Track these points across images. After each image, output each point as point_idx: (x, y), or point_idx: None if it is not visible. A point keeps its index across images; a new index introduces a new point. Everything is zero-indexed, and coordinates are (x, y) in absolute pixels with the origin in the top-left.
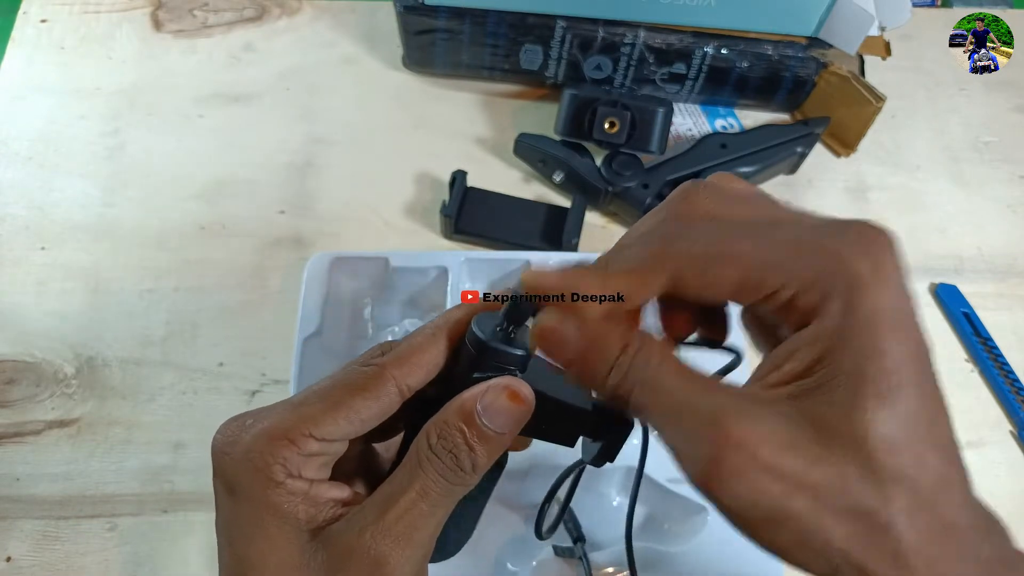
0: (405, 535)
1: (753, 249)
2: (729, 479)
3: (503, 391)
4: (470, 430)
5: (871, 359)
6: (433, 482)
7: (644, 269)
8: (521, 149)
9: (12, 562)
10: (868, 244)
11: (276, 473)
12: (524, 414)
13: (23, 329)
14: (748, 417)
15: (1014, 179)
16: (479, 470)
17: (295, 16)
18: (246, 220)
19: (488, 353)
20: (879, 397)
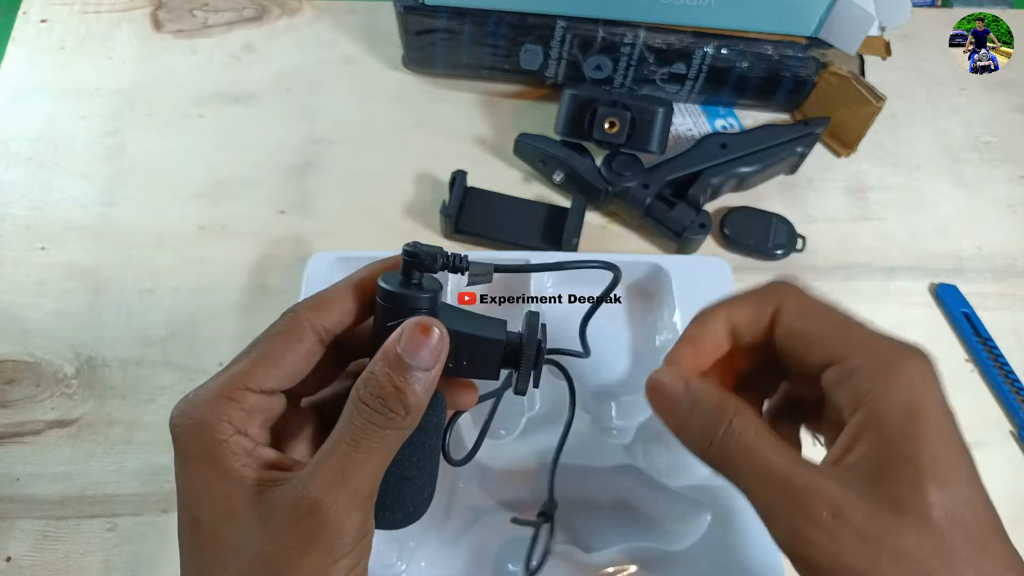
0: (339, 481)
1: (845, 322)
2: (821, 538)
3: (416, 327)
4: (395, 372)
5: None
6: (361, 428)
7: (760, 296)
8: (521, 149)
9: (12, 562)
10: (921, 360)
11: (221, 430)
12: (439, 345)
13: (23, 329)
14: (838, 486)
15: (1014, 179)
16: (412, 410)
17: (295, 16)
18: (246, 220)
19: (396, 301)
20: (937, 479)
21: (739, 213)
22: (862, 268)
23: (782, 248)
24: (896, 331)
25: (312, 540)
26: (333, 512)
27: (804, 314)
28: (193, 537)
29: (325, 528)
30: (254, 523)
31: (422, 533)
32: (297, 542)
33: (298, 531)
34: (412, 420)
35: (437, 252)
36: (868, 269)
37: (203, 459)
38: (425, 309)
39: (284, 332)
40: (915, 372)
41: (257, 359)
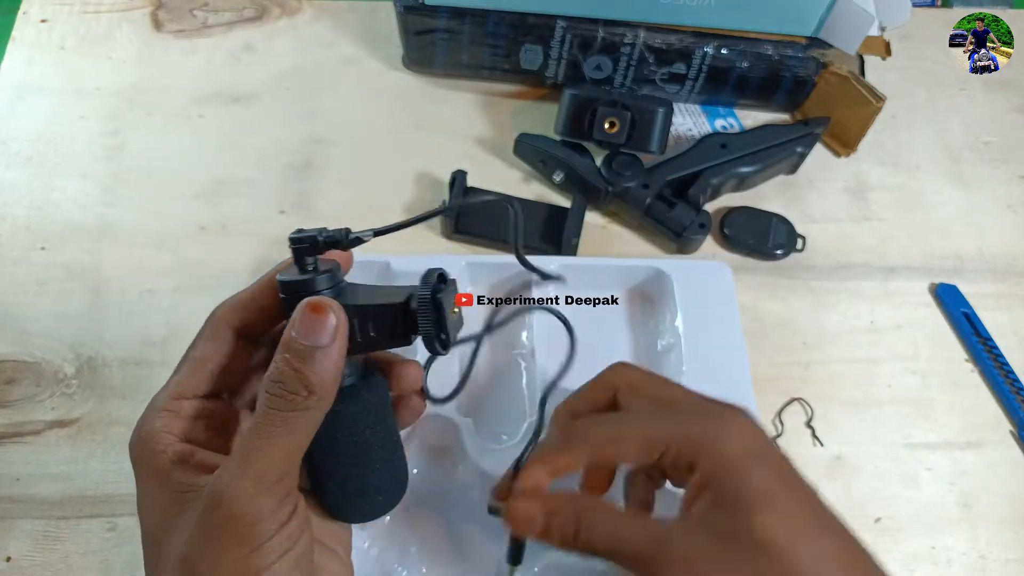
0: (240, 469)
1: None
2: None
3: (305, 308)
4: (292, 355)
5: (743, 482)
6: (263, 414)
7: (574, 451)
8: (521, 149)
9: (12, 562)
10: (740, 416)
11: (160, 441)
12: (332, 320)
13: (23, 329)
14: (686, 536)
15: (1014, 179)
16: (317, 388)
17: (295, 16)
18: (246, 220)
19: (293, 289)
20: (760, 506)
21: (739, 213)
22: (862, 268)
23: (782, 248)
24: (896, 331)
25: (222, 533)
26: (236, 502)
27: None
28: (144, 550)
29: (232, 519)
30: (181, 527)
31: (423, 538)
32: (210, 537)
33: (209, 526)
34: (319, 400)
35: (317, 232)
36: (868, 269)
37: (148, 473)
38: (326, 290)
39: (207, 337)
40: (736, 428)
41: (188, 368)
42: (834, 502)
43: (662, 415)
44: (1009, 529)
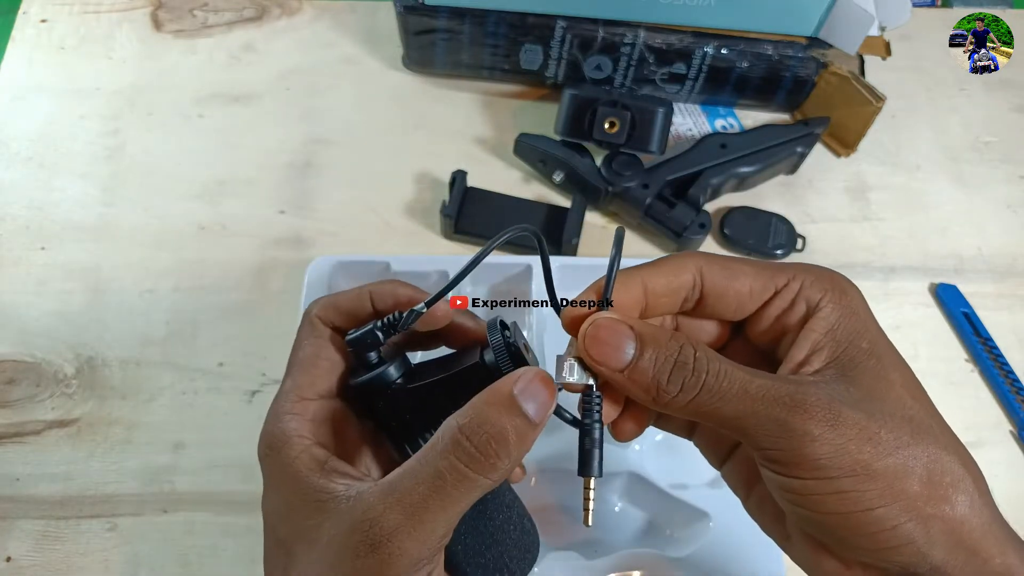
0: (407, 526)
1: (760, 262)
2: (824, 433)
3: (537, 375)
4: (509, 415)
5: (879, 338)
6: (450, 470)
7: (676, 263)
8: (521, 149)
9: (12, 562)
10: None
11: (294, 446)
12: (551, 401)
13: (23, 329)
14: (818, 388)
15: (1014, 179)
16: (514, 461)
17: (295, 16)
18: (246, 220)
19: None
20: (894, 363)
21: (739, 213)
22: (862, 268)
23: (782, 248)
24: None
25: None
26: (395, 556)
27: (727, 266)
28: (270, 553)
29: (386, 568)
30: (321, 544)
31: None
32: (357, 574)
33: (357, 565)
34: (507, 472)
35: (372, 326)
36: (868, 269)
37: (282, 478)
38: (398, 378)
39: (308, 335)
40: (851, 285)
41: (299, 369)
42: None
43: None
44: None
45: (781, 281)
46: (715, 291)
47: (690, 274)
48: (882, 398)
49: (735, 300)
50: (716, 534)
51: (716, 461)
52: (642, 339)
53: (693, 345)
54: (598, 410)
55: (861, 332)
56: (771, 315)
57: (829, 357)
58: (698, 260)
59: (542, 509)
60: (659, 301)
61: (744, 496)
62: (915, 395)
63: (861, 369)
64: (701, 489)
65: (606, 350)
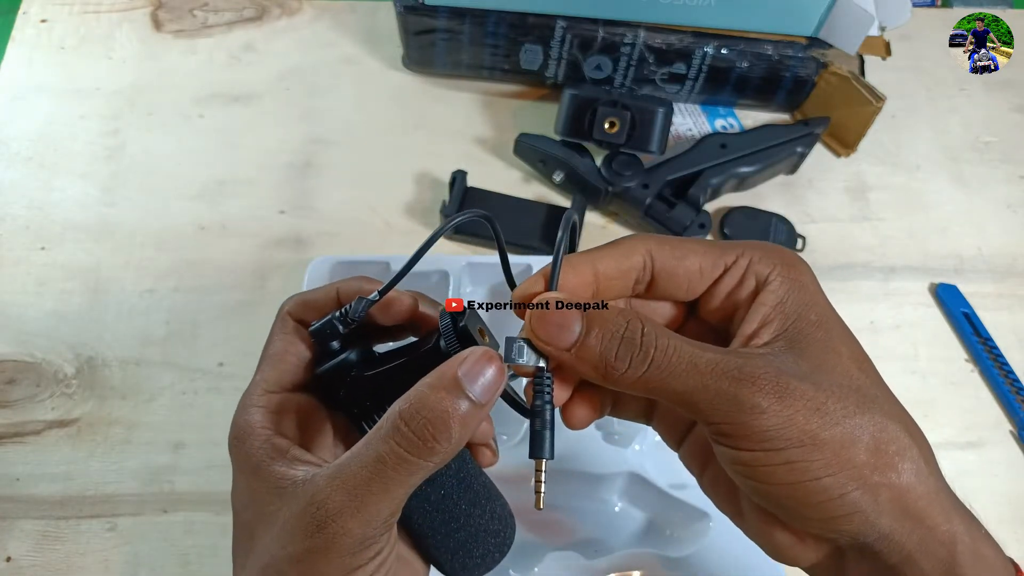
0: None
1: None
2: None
3: (483, 355)
4: (450, 395)
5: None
6: (390, 454)
7: (626, 245)
8: (521, 149)
9: (12, 562)
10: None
11: (257, 436)
12: (498, 380)
13: (23, 329)
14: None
15: (1014, 179)
16: (455, 443)
17: (295, 16)
18: (246, 220)
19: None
20: (843, 335)
21: (739, 213)
22: (862, 268)
23: None
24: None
25: (319, 556)
26: (340, 535)
27: (676, 247)
28: (236, 539)
29: (332, 548)
30: (279, 522)
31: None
32: (307, 557)
33: (308, 549)
34: (450, 455)
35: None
36: (868, 269)
37: (246, 466)
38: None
39: (280, 331)
40: (799, 260)
41: (268, 363)
42: None
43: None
44: (1009, 529)
45: (730, 258)
46: (665, 271)
47: (640, 256)
48: (830, 369)
49: (685, 279)
50: (716, 534)
51: (673, 443)
52: (588, 316)
53: (640, 320)
54: (549, 392)
55: (810, 305)
56: (722, 292)
57: (778, 330)
58: (647, 242)
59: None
60: (610, 284)
61: (699, 474)
62: (862, 366)
63: (809, 341)
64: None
65: (552, 329)
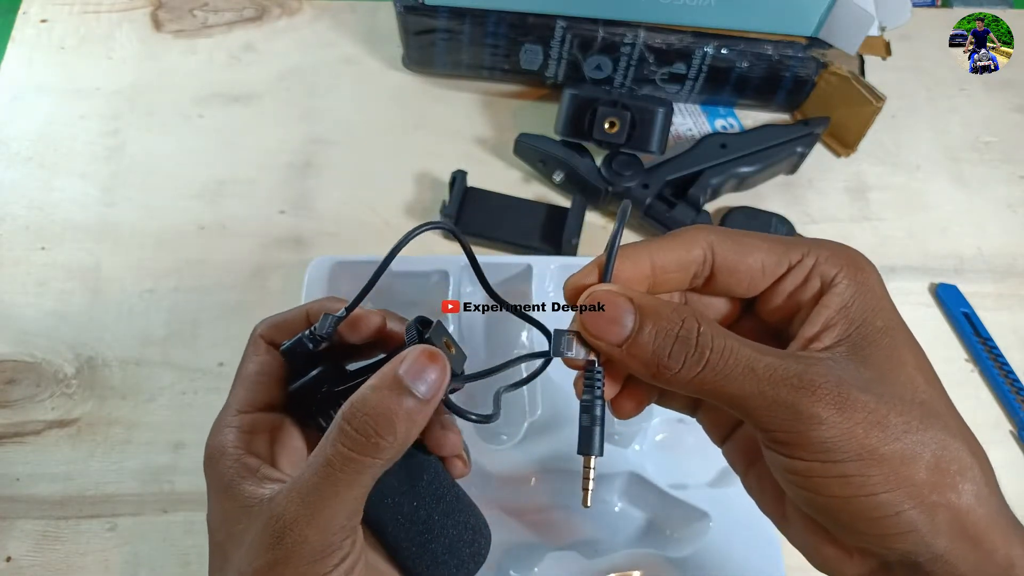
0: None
1: (775, 236)
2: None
3: (422, 353)
4: (391, 394)
5: (893, 316)
6: (336, 456)
7: (687, 237)
8: (521, 149)
9: (12, 562)
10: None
11: (228, 455)
12: (440, 377)
13: (23, 329)
14: (832, 367)
15: (1014, 179)
16: (400, 438)
17: (295, 16)
18: (246, 220)
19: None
20: (908, 343)
21: (739, 213)
22: None
23: None
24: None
25: (281, 567)
26: (298, 545)
27: (740, 240)
28: (210, 560)
29: (295, 557)
30: (247, 542)
31: None
32: (268, 568)
33: (271, 561)
34: (397, 451)
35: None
36: None
37: (217, 486)
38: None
39: (253, 353)
40: (867, 262)
41: (241, 384)
42: None
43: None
44: None
45: (795, 256)
46: (726, 267)
47: (700, 249)
48: (893, 380)
49: (747, 276)
50: (716, 534)
51: (718, 438)
52: (642, 311)
53: (696, 319)
54: (599, 387)
55: (876, 310)
56: (784, 291)
57: (841, 335)
58: (709, 234)
59: (542, 509)
60: (667, 277)
61: (743, 473)
62: (927, 378)
63: (874, 348)
64: (701, 489)
65: (603, 323)
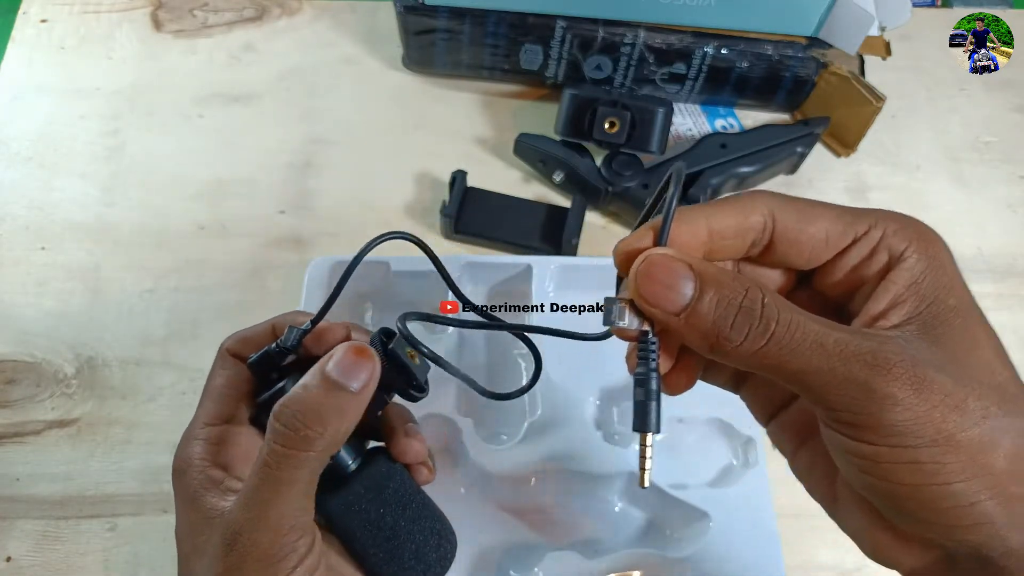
0: (255, 520)
1: (840, 206)
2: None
3: (348, 348)
4: (320, 386)
5: (964, 294)
6: (271, 454)
7: (746, 202)
8: (521, 149)
9: (12, 562)
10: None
11: (194, 466)
12: (370, 369)
13: (23, 329)
14: (899, 345)
15: (1014, 179)
16: (330, 428)
17: (295, 16)
18: (246, 220)
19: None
20: (981, 322)
21: None
22: None
23: None
24: None
25: (237, 573)
26: (249, 549)
27: (803, 209)
28: (182, 574)
29: (245, 562)
30: (209, 553)
31: None
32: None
33: (223, 566)
34: (329, 443)
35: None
36: None
37: (182, 498)
38: None
39: (220, 367)
40: (937, 236)
41: (209, 397)
42: None
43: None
44: None
45: (862, 227)
46: (787, 236)
47: (760, 215)
48: (968, 362)
49: (808, 247)
50: (716, 534)
51: (764, 416)
52: (702, 278)
53: (760, 289)
54: (654, 359)
55: (948, 287)
56: (847, 264)
57: (911, 313)
58: (771, 200)
59: (542, 509)
60: (724, 244)
61: (791, 454)
62: (1003, 361)
63: (946, 328)
64: (701, 489)
65: (660, 290)
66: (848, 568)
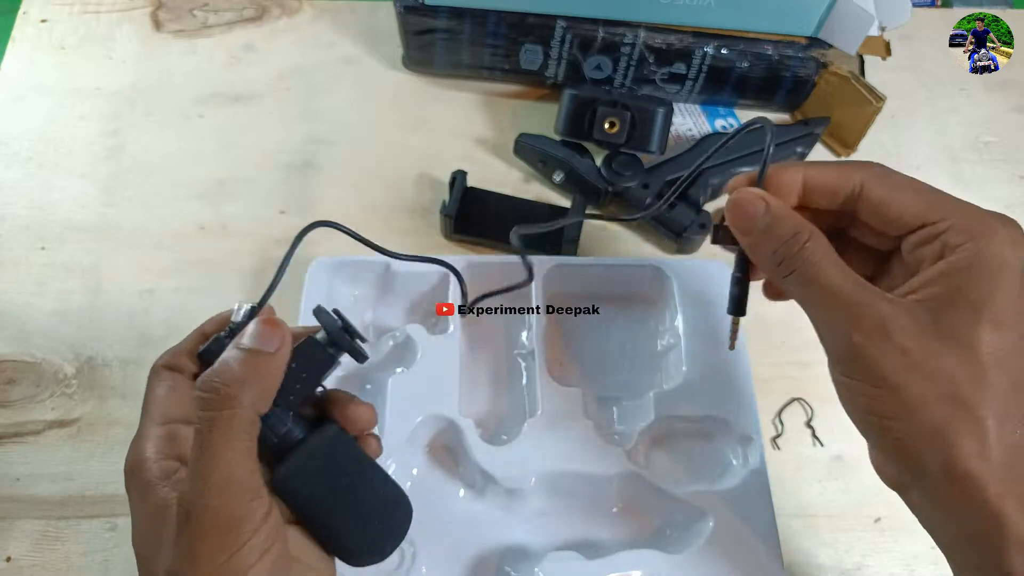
0: (198, 488)
1: (934, 191)
2: (867, 346)
3: (259, 321)
4: (237, 357)
5: (994, 297)
6: (202, 421)
7: (843, 168)
8: (521, 149)
9: (12, 562)
10: (1012, 225)
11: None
12: (281, 331)
13: (23, 329)
14: (892, 308)
15: (1014, 179)
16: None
17: (295, 16)
18: (246, 220)
19: None
20: (996, 324)
21: None
22: None
23: None
24: None
25: (200, 544)
26: (204, 519)
27: (893, 186)
28: (139, 570)
29: (207, 530)
30: (165, 543)
31: (423, 539)
32: (190, 550)
33: (187, 540)
34: (254, 398)
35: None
36: None
37: (135, 493)
38: None
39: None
40: (1004, 234)
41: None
42: (834, 502)
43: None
44: None
45: (933, 217)
46: (868, 208)
47: (853, 184)
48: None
49: (883, 223)
50: (716, 534)
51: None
52: (772, 213)
53: (809, 233)
54: (741, 264)
55: (976, 283)
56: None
57: (933, 294)
58: (866, 172)
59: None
60: (813, 197)
61: None
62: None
63: (951, 313)
64: (701, 489)
65: (740, 215)
66: (848, 568)
